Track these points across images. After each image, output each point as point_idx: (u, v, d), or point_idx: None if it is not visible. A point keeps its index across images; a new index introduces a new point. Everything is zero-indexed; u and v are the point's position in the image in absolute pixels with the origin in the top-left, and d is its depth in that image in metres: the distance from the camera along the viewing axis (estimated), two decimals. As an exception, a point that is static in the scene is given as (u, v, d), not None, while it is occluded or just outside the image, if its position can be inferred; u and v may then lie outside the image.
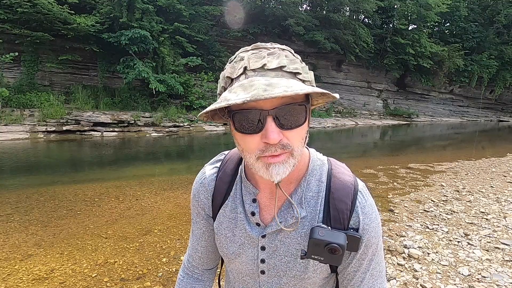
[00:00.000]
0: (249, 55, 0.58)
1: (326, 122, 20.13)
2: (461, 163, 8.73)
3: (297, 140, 0.59)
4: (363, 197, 0.69)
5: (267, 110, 0.55)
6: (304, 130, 0.60)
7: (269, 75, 0.55)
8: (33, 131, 11.12)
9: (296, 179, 0.70)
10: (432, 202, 5.03)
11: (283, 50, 0.60)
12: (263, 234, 0.71)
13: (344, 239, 0.63)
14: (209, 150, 10.98)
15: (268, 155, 0.57)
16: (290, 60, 0.58)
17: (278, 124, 0.56)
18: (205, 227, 0.82)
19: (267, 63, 0.56)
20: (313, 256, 0.64)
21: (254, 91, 0.50)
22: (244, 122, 0.57)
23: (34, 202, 4.74)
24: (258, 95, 0.49)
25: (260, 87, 0.51)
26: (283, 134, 0.57)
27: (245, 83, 0.54)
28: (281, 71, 0.56)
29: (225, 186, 0.76)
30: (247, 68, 0.57)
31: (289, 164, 0.59)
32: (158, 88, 13.89)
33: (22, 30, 12.20)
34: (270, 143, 0.55)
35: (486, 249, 3.31)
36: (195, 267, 0.88)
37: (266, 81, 0.52)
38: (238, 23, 17.89)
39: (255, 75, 0.56)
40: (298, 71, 0.57)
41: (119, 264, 3.06)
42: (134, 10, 13.74)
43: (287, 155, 0.58)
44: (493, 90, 30.63)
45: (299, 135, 0.59)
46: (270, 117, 0.55)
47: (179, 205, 4.76)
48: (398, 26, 24.07)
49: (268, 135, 0.55)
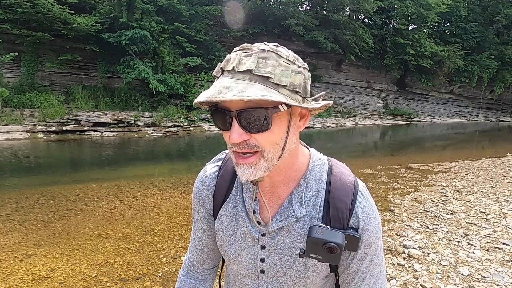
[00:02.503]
0: (234, 56, 0.59)
1: (326, 122, 20.13)
2: (461, 163, 8.73)
3: (267, 144, 0.59)
4: (363, 197, 0.69)
5: (231, 111, 0.57)
6: (276, 135, 0.59)
7: (237, 77, 0.56)
8: (33, 131, 11.11)
9: (296, 178, 0.70)
10: (432, 202, 5.03)
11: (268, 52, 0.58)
12: (263, 232, 0.71)
13: (342, 238, 0.63)
14: (209, 150, 10.97)
15: (236, 151, 0.61)
16: (268, 62, 0.57)
17: (242, 126, 0.57)
18: (206, 226, 0.82)
19: (238, 66, 0.57)
20: (311, 255, 0.64)
21: (210, 92, 0.55)
22: (217, 119, 0.61)
23: (34, 202, 4.74)
24: (212, 97, 0.53)
25: (218, 88, 0.54)
26: (252, 136, 0.58)
27: (215, 83, 0.58)
28: (249, 74, 0.56)
29: (226, 184, 0.76)
30: (223, 69, 0.59)
31: (259, 167, 0.60)
32: (158, 88, 13.89)
33: (22, 30, 12.19)
34: (231, 142, 0.58)
35: (486, 249, 3.31)
36: (196, 266, 0.88)
37: (228, 84, 0.54)
38: (238, 23, 17.89)
39: (227, 76, 0.58)
40: (269, 75, 0.56)
41: (119, 264, 3.06)
42: (134, 10, 13.73)
43: (257, 157, 0.60)
44: (493, 90, 30.61)
45: (269, 139, 0.59)
46: (234, 118, 0.57)
47: (179, 205, 4.76)
48: (398, 26, 24.07)
49: (230, 134, 0.58)
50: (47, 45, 13.09)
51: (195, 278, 0.88)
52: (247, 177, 0.61)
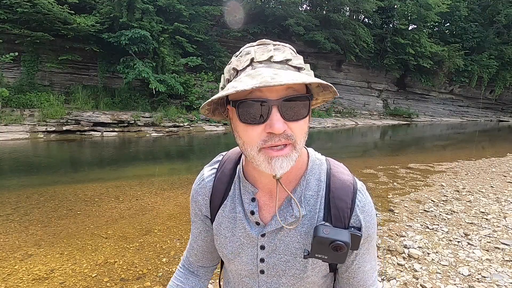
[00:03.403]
0: (256, 49, 0.60)
1: (326, 122, 20.13)
2: (461, 163, 8.73)
3: (300, 133, 0.60)
4: (363, 195, 0.70)
5: (273, 100, 0.55)
6: (306, 123, 0.61)
7: (275, 67, 0.57)
8: (33, 131, 11.12)
9: (295, 178, 0.70)
10: (432, 202, 5.03)
11: (288, 48, 0.62)
12: (262, 233, 0.71)
13: (348, 236, 0.63)
14: (209, 150, 10.98)
15: (270, 146, 0.57)
16: (294, 56, 0.60)
17: (282, 115, 0.56)
18: (202, 227, 0.83)
19: (274, 56, 0.57)
20: (316, 255, 0.64)
21: (262, 79, 0.51)
22: (249, 112, 0.57)
23: (34, 202, 4.73)
24: (267, 82, 0.50)
25: (268, 75, 0.52)
26: (287, 125, 0.57)
27: (252, 73, 0.55)
28: (286, 64, 0.57)
29: (224, 186, 0.76)
30: (254, 60, 0.58)
31: (292, 158, 0.59)
32: (158, 88, 13.89)
33: (22, 30, 12.19)
34: (275, 132, 0.56)
35: (486, 249, 3.31)
36: (192, 263, 0.90)
37: (273, 72, 0.53)
38: (238, 23, 17.88)
39: (262, 66, 0.57)
40: (302, 66, 0.59)
41: (119, 264, 3.06)
42: (134, 10, 13.73)
43: (290, 147, 0.59)
44: (493, 90, 30.61)
45: (302, 128, 0.60)
46: (275, 108, 0.56)
47: (179, 205, 4.76)
48: (398, 26, 24.07)
49: (273, 124, 0.55)
50: (47, 45, 13.09)
51: (191, 272, 0.91)
52: (284, 170, 0.59)
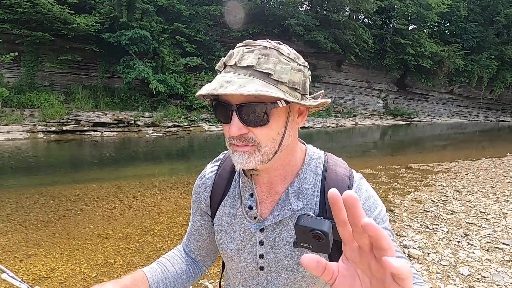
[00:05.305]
0: (237, 51, 0.61)
1: (326, 122, 20.12)
2: (461, 163, 8.73)
3: (264, 138, 0.61)
4: (359, 187, 0.70)
5: (233, 105, 0.59)
6: (273, 131, 0.61)
7: (239, 72, 0.58)
8: (33, 131, 11.11)
9: (291, 173, 0.71)
10: (432, 202, 5.03)
11: (269, 49, 0.59)
12: (261, 227, 0.72)
13: (329, 226, 0.62)
14: (209, 150, 10.98)
15: (234, 144, 0.62)
16: (267, 60, 0.58)
17: (242, 120, 0.59)
18: (200, 223, 0.85)
19: (240, 61, 0.58)
20: (302, 244, 0.64)
21: (213, 85, 0.57)
22: (218, 113, 0.63)
23: (34, 202, 4.73)
24: (213, 90, 0.55)
25: (220, 82, 0.56)
26: (250, 129, 0.60)
27: (217, 77, 0.59)
28: (251, 70, 0.58)
29: (224, 182, 0.78)
30: (226, 64, 0.61)
31: (254, 158, 0.62)
32: (158, 88, 13.89)
33: (22, 30, 12.19)
34: (230, 134, 0.60)
35: (486, 249, 3.31)
36: (189, 249, 0.91)
37: (229, 78, 0.56)
38: (238, 23, 17.88)
39: (229, 71, 0.59)
40: (270, 72, 0.57)
41: (119, 264, 3.06)
42: (134, 10, 13.73)
43: (252, 148, 0.61)
44: (493, 90, 30.61)
45: (266, 133, 0.61)
46: (234, 112, 0.59)
47: (179, 205, 4.76)
48: (398, 26, 24.07)
49: (230, 127, 0.59)
50: (47, 45, 13.09)
51: (186, 254, 0.91)
52: (241, 165, 0.62)
